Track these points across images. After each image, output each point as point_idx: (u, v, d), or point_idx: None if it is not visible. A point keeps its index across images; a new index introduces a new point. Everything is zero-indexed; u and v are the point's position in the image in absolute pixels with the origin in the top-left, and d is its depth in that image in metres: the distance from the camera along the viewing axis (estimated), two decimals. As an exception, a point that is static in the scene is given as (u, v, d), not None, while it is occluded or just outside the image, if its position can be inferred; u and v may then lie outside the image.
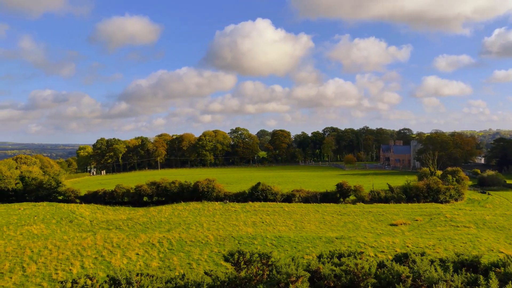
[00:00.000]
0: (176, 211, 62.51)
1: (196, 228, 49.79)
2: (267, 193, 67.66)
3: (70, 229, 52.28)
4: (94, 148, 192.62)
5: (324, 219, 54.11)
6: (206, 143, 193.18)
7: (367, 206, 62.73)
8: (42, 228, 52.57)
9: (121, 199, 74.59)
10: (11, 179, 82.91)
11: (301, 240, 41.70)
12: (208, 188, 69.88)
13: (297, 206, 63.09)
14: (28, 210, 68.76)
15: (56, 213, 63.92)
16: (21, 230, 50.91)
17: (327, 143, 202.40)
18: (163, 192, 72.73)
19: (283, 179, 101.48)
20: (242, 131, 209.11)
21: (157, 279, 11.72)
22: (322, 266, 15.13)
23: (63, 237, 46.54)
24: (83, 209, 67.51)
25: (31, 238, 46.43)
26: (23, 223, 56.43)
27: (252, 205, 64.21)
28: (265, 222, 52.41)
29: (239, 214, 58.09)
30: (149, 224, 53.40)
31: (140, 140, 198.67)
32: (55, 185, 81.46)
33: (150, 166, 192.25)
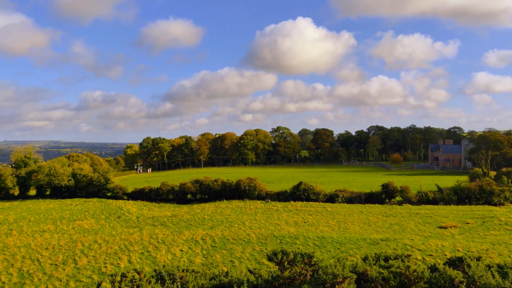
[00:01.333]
0: (219, 209, 63.22)
1: (238, 226, 50.06)
2: (309, 193, 66.88)
3: (118, 224, 54.25)
4: (140, 147, 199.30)
5: (368, 220, 52.66)
6: (248, 142, 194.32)
7: (414, 207, 60.36)
8: (92, 223, 54.95)
9: (166, 196, 76.55)
10: (64, 176, 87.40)
11: (344, 241, 40.77)
12: (249, 187, 70.14)
13: (340, 207, 61.88)
14: (80, 205, 72.22)
15: (105, 209, 66.65)
16: (73, 225, 53.50)
17: (372, 142, 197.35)
18: (206, 190, 73.84)
19: (326, 178, 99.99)
20: (283, 130, 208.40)
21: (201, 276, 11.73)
22: (369, 268, 14.58)
23: (111, 232, 48.38)
24: (130, 206, 69.94)
25: (82, 232, 48.63)
26: (74, 218, 59.30)
27: (294, 205, 63.71)
28: (307, 222, 51.78)
29: (280, 213, 57.81)
30: (193, 221, 54.35)
31: (184, 139, 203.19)
32: (104, 182, 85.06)
33: (193, 164, 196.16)
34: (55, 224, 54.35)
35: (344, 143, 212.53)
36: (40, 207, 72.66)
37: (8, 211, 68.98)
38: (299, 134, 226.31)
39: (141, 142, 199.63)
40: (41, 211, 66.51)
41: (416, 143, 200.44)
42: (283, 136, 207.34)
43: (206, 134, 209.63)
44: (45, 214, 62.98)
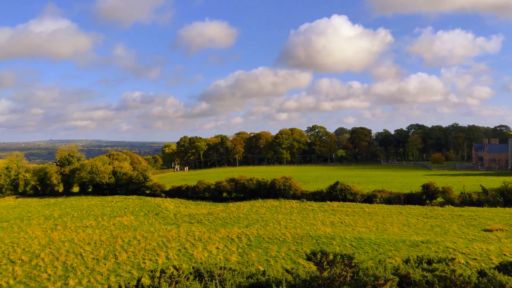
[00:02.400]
0: (254, 207, 63.28)
1: (273, 225, 49.87)
2: (346, 193, 65.68)
3: (156, 221, 55.45)
4: (178, 146, 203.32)
5: (408, 222, 50.99)
6: (283, 141, 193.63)
7: (457, 209, 57.90)
8: (132, 219, 56.47)
9: (202, 194, 77.54)
10: (105, 174, 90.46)
11: (382, 242, 39.66)
12: (285, 186, 69.76)
13: (378, 207, 60.34)
14: (120, 202, 74.50)
15: (144, 206, 68.37)
16: (113, 221, 55.21)
17: (412, 141, 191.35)
18: (241, 188, 74.16)
19: (363, 178, 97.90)
20: (319, 128, 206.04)
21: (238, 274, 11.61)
22: (412, 271, 13.97)
23: (150, 228, 49.51)
24: (167, 203, 71.39)
25: (122, 228, 50.06)
26: (115, 214, 61.20)
27: (330, 205, 62.76)
28: (344, 223, 50.83)
29: (316, 213, 57.09)
30: (228, 219, 54.68)
31: (219, 138, 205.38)
32: (143, 180, 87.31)
33: (228, 163, 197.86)
34: (97, 220, 56.30)
35: (382, 142, 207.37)
36: (83, 203, 75.61)
37: (53, 207, 72.24)
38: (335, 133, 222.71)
39: (178, 141, 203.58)
40: (84, 208, 69.18)
41: (459, 142, 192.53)
42: (318, 135, 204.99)
43: (241, 133, 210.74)
44: (87, 211, 65.43)
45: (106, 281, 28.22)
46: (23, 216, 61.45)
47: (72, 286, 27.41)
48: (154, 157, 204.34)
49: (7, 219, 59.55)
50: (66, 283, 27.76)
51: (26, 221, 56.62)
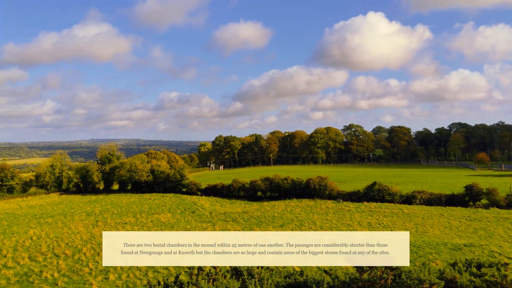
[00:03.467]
0: (289, 207, 62.87)
1: (308, 225, 49.30)
2: (384, 193, 63.98)
3: (192, 219, 56.22)
4: (213, 145, 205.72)
5: (449, 224, 48.98)
6: (318, 140, 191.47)
7: (503, 211, 55.05)
8: (169, 217, 57.53)
9: (237, 193, 77.96)
10: (143, 172, 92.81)
11: (422, 245, 38.28)
12: (320, 186, 68.88)
13: (418, 209, 58.38)
14: (157, 200, 76.18)
15: (180, 204, 69.54)
16: (151, 218, 56.46)
17: (454, 141, 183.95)
18: (276, 187, 73.91)
19: (402, 179, 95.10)
20: (355, 127, 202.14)
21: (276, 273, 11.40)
22: (458, 276, 13.25)
23: (186, 226, 50.24)
24: (203, 201, 72.28)
25: (159, 225, 51.08)
26: (153, 211, 62.60)
27: (368, 205, 61.35)
28: (382, 224, 49.50)
29: (353, 214, 55.96)
30: (263, 218, 54.59)
31: (254, 137, 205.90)
32: (179, 178, 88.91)
33: (263, 162, 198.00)
34: (135, 217, 57.78)
35: (422, 142, 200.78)
36: (122, 200, 77.91)
37: (94, 203, 74.88)
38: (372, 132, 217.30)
39: (214, 140, 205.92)
40: (123, 205, 71.24)
41: (505, 142, 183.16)
42: (355, 134, 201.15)
43: (276, 132, 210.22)
44: (126, 208, 67.33)
45: (144, 277, 28.82)
46: (66, 212, 64.05)
47: (112, 280, 28.18)
48: (190, 156, 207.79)
49: (52, 214, 62.27)
50: (106, 278, 28.59)
51: (69, 217, 58.95)
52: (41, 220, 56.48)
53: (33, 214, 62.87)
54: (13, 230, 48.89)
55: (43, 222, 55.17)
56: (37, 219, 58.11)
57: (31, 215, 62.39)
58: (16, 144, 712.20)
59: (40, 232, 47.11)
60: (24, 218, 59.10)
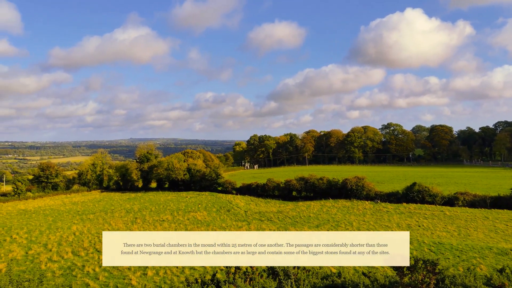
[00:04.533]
0: (325, 207, 62.07)
1: (345, 226, 48.44)
2: (424, 194, 61.86)
3: (227, 217, 56.63)
4: (247, 144, 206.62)
5: (495, 227, 46.63)
6: (355, 140, 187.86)
7: (555, 215, 51.82)
8: (205, 215, 58.25)
9: (271, 192, 77.85)
10: (180, 171, 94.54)
11: (465, 248, 36.62)
12: (357, 186, 67.55)
13: (460, 211, 56.02)
14: (193, 198, 77.36)
15: (216, 202, 70.27)
16: (188, 216, 57.38)
17: (500, 140, 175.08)
18: (311, 187, 73.16)
19: (444, 179, 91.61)
20: (394, 126, 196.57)
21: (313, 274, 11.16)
22: (508, 283, 12.49)
23: (221, 224, 50.66)
24: (238, 200, 72.68)
25: (195, 223, 51.81)
26: (189, 209, 63.61)
27: (407, 207, 59.52)
28: (422, 226, 47.85)
29: (391, 215, 54.45)
30: (298, 218, 54.16)
31: (288, 136, 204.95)
32: (215, 177, 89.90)
33: (298, 161, 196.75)
34: (173, 214, 58.91)
35: (465, 141, 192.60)
36: (160, 198, 79.71)
37: (133, 201, 77.05)
38: (412, 131, 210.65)
39: (248, 139, 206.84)
40: (161, 202, 72.86)
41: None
42: (394, 133, 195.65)
43: (311, 132, 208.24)
44: (164, 205, 68.81)
45: (181, 274, 29.26)
46: (107, 209, 66.26)
47: (150, 276, 28.82)
48: (225, 155, 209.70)
49: (93, 211, 64.61)
50: (144, 273, 29.28)
51: (110, 214, 60.94)
52: (84, 217, 58.71)
53: (76, 211, 65.48)
54: (57, 225, 51.10)
55: (85, 218, 57.34)
56: (80, 215, 60.46)
57: (74, 211, 65.00)
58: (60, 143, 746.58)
59: (83, 228, 48.98)
60: (67, 214, 61.66)
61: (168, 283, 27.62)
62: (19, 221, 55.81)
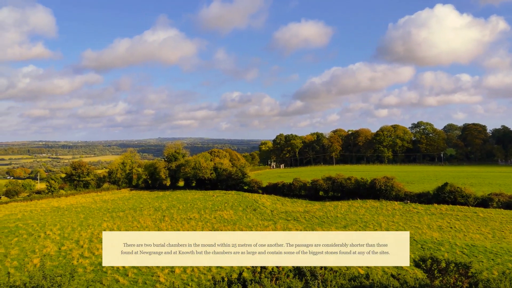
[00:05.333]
0: (352, 207, 61.20)
1: (373, 227, 47.60)
2: (456, 195, 60.00)
3: (254, 216, 56.71)
4: (273, 143, 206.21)
5: (533, 230, 44.70)
6: (384, 139, 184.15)
7: None
8: (231, 214, 58.55)
9: (298, 192, 77.41)
10: (207, 170, 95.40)
11: (500, 251, 35.28)
12: (386, 186, 66.26)
13: (495, 212, 54.01)
14: (220, 197, 77.89)
15: (242, 201, 70.51)
16: (214, 215, 57.82)
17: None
18: (339, 187, 72.28)
19: (477, 180, 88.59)
20: (425, 125, 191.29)
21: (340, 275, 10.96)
22: (547, 288, 11.91)
23: (248, 223, 50.77)
24: (264, 199, 72.65)
25: (222, 222, 52.14)
26: (216, 208, 64.09)
27: (438, 208, 57.90)
28: (454, 228, 46.43)
29: (422, 216, 53.10)
30: (325, 218, 53.62)
31: (315, 135, 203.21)
32: (241, 176, 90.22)
33: (325, 161, 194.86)
34: (200, 213, 59.51)
35: (500, 140, 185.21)
36: (187, 197, 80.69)
37: (161, 199, 78.32)
38: (443, 130, 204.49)
39: (274, 138, 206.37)
40: (188, 201, 73.75)
41: None
42: (424, 132, 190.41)
43: (338, 131, 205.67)
44: (191, 204, 69.61)
45: (208, 272, 29.51)
46: (136, 207, 67.64)
47: (178, 274, 29.20)
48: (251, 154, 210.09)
49: (123, 209, 66.09)
50: (172, 271, 29.69)
51: (139, 212, 62.18)
52: (113, 214, 60.15)
53: (106, 208, 67.17)
54: (88, 222, 52.57)
55: (115, 216, 58.72)
56: (110, 213, 61.98)
57: (104, 209, 66.70)
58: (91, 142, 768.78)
59: (113, 225, 50.18)
60: (98, 212, 63.33)
61: (195, 281, 27.89)
62: (53, 217, 57.75)
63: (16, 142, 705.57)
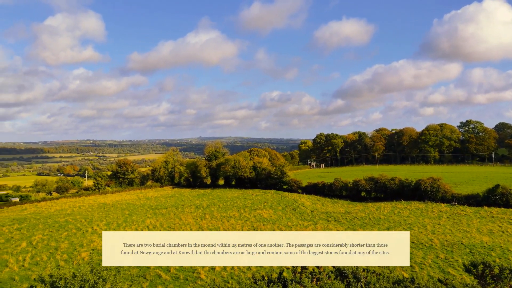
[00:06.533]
0: (396, 209, 59.34)
1: (418, 229, 45.88)
2: (508, 198, 56.68)
3: (293, 216, 56.31)
4: (313, 143, 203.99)
5: None
6: (430, 138, 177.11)
7: None
8: (271, 213, 58.45)
9: (339, 192, 76.10)
10: (246, 169, 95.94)
11: (560, 259, 32.88)
12: (432, 188, 63.72)
13: (552, 217, 50.47)
14: (259, 196, 78.03)
15: (281, 201, 70.24)
16: (254, 213, 57.95)
17: None
18: (382, 188, 70.35)
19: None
20: (474, 124, 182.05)
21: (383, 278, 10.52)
22: None
23: (287, 223, 50.47)
24: (304, 199, 72.00)
25: (261, 221, 52.15)
26: (255, 207, 64.24)
27: (488, 211, 54.91)
28: (506, 232, 43.84)
29: (470, 220, 50.54)
30: (367, 219, 52.31)
31: (357, 135, 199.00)
32: (280, 175, 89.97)
33: (367, 161, 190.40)
34: (239, 211, 59.88)
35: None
36: (227, 195, 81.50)
37: (202, 197, 79.59)
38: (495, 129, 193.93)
39: (315, 138, 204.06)
40: (228, 199, 74.45)
41: None
42: (474, 131, 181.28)
43: (381, 130, 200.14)
44: (231, 202, 70.21)
45: (248, 270, 29.57)
46: (178, 204, 69.12)
47: (218, 271, 29.48)
48: (290, 154, 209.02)
49: (165, 206, 67.73)
50: (213, 268, 30.02)
51: (180, 209, 63.48)
52: (156, 211, 61.78)
53: (149, 205, 69.12)
54: (133, 219, 54.27)
55: (158, 212, 60.28)
56: (153, 209, 63.71)
57: (148, 206, 68.67)
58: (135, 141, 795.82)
59: (155, 221, 51.51)
60: (142, 209, 65.29)
61: (235, 279, 28.03)
62: (99, 213, 60.16)
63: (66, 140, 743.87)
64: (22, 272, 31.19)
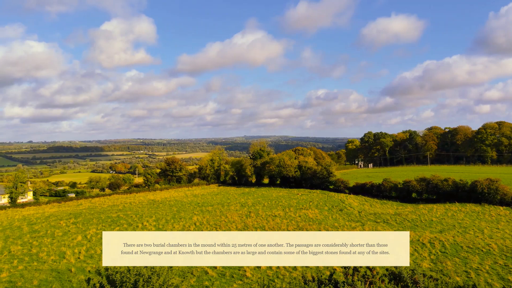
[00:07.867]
0: (450, 211, 56.47)
1: (474, 233, 43.32)
2: None
3: (340, 217, 55.14)
4: (361, 142, 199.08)
5: None
6: (487, 137, 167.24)
7: None
8: (316, 213, 57.60)
9: (388, 193, 73.64)
10: (291, 168, 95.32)
11: None
12: (489, 190, 60.03)
13: None
14: (305, 195, 77.21)
15: (327, 201, 69.06)
16: (299, 213, 57.37)
17: None
18: (434, 189, 67.25)
19: None
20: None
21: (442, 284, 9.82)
22: None
23: (334, 224, 49.47)
24: (351, 200, 70.34)
25: (307, 221, 51.49)
26: (300, 207, 63.60)
27: (554, 215, 50.87)
28: None
29: (534, 224, 47.02)
30: (419, 222, 50.16)
31: (407, 133, 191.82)
32: (326, 175, 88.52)
33: (418, 161, 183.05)
34: (284, 210, 59.53)
35: None
36: (272, 194, 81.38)
37: (247, 195, 80.00)
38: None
39: (362, 136, 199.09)
40: (273, 198, 74.30)
41: None
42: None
43: (434, 128, 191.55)
44: (276, 201, 70.01)
45: (293, 270, 29.23)
46: (223, 202, 69.92)
47: (263, 270, 29.40)
48: (337, 153, 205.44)
49: (212, 203, 68.75)
50: (258, 266, 29.97)
51: (226, 207, 64.15)
52: (203, 208, 62.84)
53: (196, 203, 70.47)
54: (180, 215, 55.53)
55: (205, 210, 61.28)
56: (200, 207, 64.87)
57: (195, 203, 70.04)
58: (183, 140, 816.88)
59: (202, 218, 52.38)
60: (189, 206, 66.67)
61: (280, 278, 27.79)
62: (149, 210, 62.13)
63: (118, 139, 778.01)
64: (78, 264, 32.76)
